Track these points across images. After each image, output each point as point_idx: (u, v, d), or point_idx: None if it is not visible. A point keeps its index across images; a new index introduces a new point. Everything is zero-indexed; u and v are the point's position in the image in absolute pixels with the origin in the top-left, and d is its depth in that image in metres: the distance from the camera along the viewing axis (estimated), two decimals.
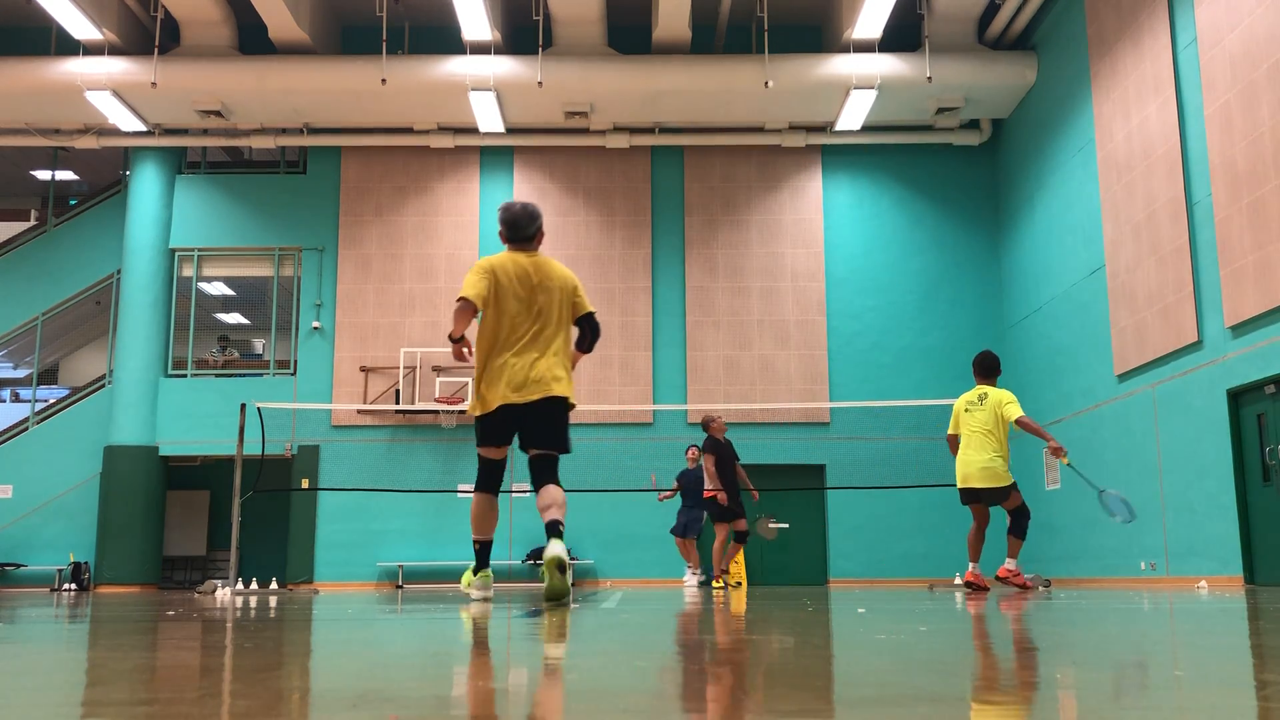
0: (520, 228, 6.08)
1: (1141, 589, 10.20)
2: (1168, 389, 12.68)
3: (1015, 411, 8.92)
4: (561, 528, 5.63)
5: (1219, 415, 11.60)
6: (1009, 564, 9.12)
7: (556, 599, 5.53)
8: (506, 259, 5.99)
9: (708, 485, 11.98)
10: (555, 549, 5.51)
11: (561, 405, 5.95)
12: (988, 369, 9.36)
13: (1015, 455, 16.56)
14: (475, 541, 6.19)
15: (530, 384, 5.83)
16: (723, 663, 2.27)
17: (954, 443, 9.44)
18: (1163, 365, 12.76)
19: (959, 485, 9.31)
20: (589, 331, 6.26)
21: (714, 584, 12.08)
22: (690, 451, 13.80)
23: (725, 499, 11.80)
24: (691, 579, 13.20)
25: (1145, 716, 1.44)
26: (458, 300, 5.82)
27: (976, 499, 9.22)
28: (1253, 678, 1.93)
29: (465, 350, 6.04)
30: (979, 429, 9.10)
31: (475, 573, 6.31)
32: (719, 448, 12.06)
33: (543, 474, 5.92)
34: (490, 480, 6.11)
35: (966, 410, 9.29)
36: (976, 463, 9.08)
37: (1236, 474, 11.44)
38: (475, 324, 6.07)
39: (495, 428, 5.93)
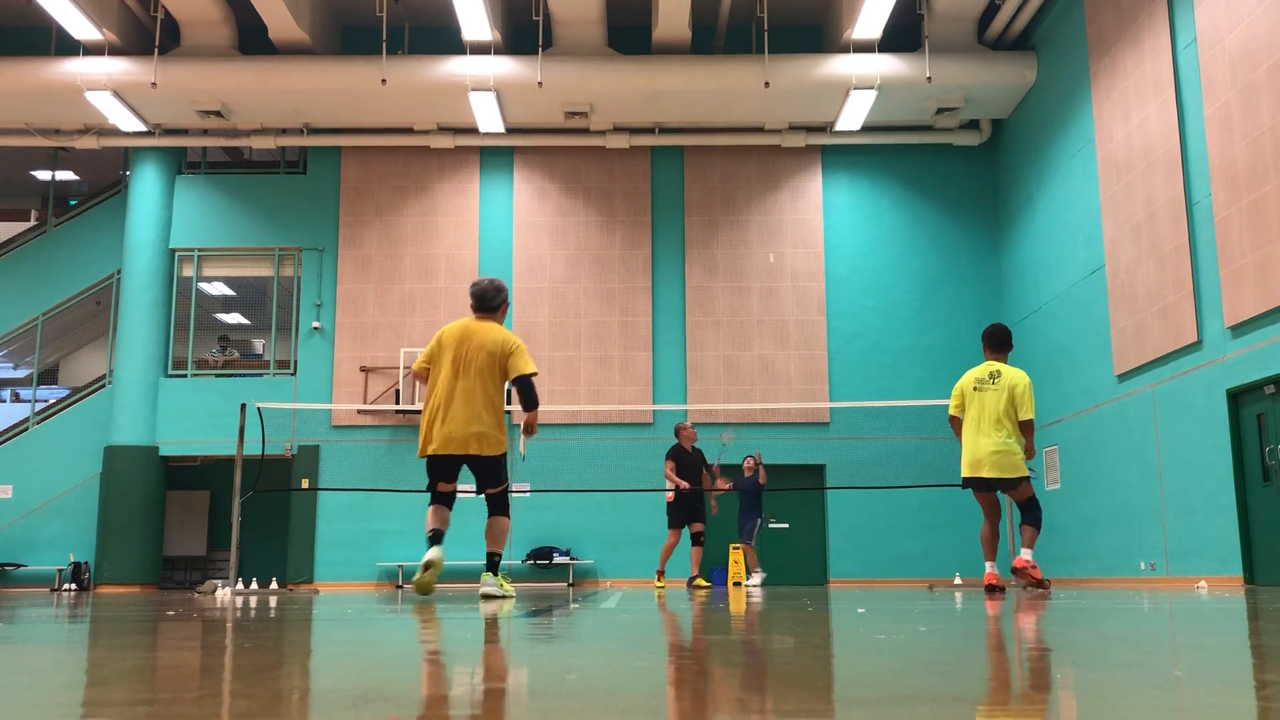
0: (486, 299, 7.18)
1: (1141, 589, 10.20)
2: (1168, 389, 12.68)
3: (1030, 412, 8.16)
4: (498, 559, 7.04)
5: (1219, 415, 11.60)
6: (1025, 554, 8.17)
7: (423, 593, 6.98)
8: (456, 325, 7.12)
9: (669, 490, 12.37)
10: (484, 584, 6.99)
11: (480, 459, 6.96)
12: (1000, 342, 8.44)
13: None
14: (430, 530, 7.10)
15: (451, 439, 6.85)
16: (722, 663, 2.27)
17: (957, 424, 8.50)
18: (1163, 365, 12.76)
19: (967, 474, 8.35)
20: (522, 393, 7.00)
21: (657, 582, 12.59)
22: (746, 461, 14.05)
23: (672, 500, 12.26)
24: (755, 579, 13.58)
25: (1145, 716, 1.44)
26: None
27: (987, 488, 8.31)
28: (1253, 678, 1.93)
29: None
30: (991, 411, 8.17)
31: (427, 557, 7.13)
32: (680, 455, 12.39)
33: (488, 506, 7.23)
34: (441, 498, 7.22)
35: (976, 388, 8.32)
36: (987, 448, 8.15)
37: (1236, 474, 11.44)
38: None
39: (433, 469, 7.06)
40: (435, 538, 6.99)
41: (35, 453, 18.07)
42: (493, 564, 7.09)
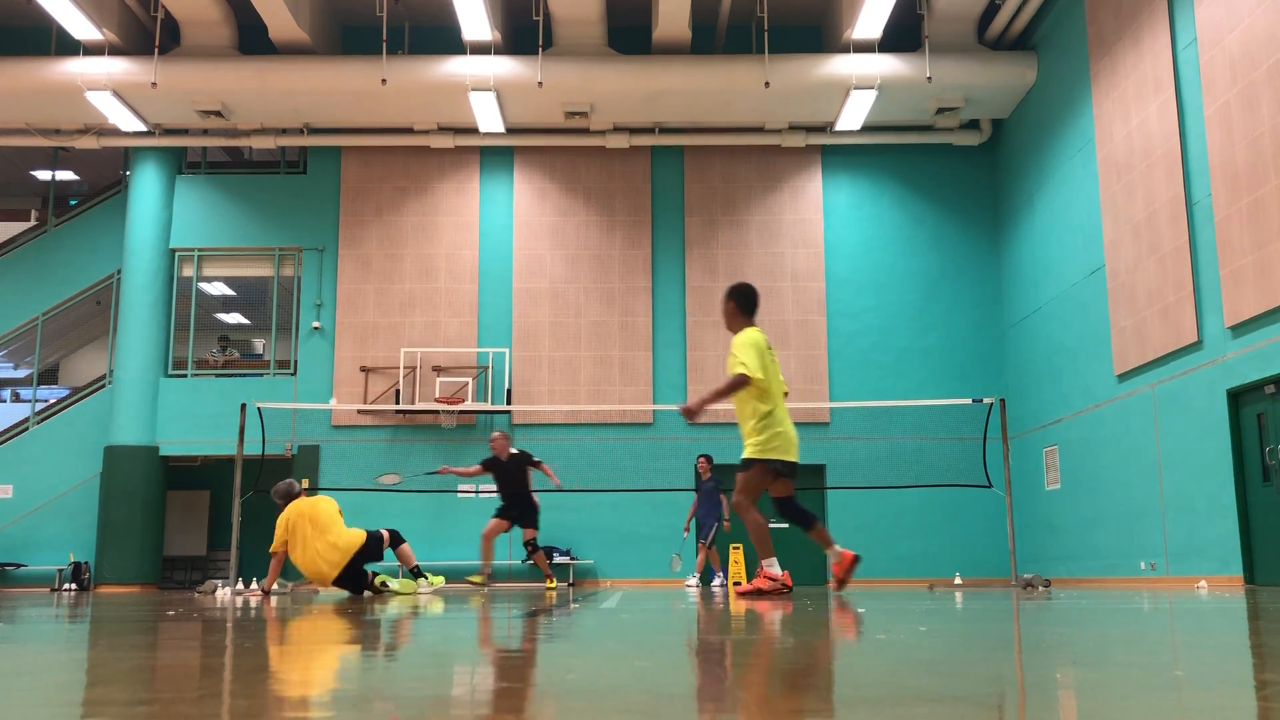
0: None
1: (1141, 589, 10.20)
2: (1168, 389, 12.68)
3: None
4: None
5: (1219, 415, 11.60)
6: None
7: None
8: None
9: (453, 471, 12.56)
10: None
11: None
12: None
13: (1016, 452, 16.62)
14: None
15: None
16: (723, 663, 2.27)
17: (753, 388, 7.44)
18: (1163, 365, 12.76)
19: (785, 458, 7.41)
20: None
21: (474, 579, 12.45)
22: (700, 462, 14.11)
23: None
24: (717, 580, 13.76)
25: (1145, 716, 1.44)
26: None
27: (793, 475, 7.43)
28: (1253, 678, 1.93)
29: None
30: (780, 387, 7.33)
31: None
32: (495, 465, 12.21)
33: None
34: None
35: (774, 361, 7.49)
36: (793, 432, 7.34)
37: (1236, 474, 11.44)
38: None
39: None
40: None
41: (35, 453, 18.07)
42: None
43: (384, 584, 9.31)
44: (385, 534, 9.83)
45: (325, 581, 9.32)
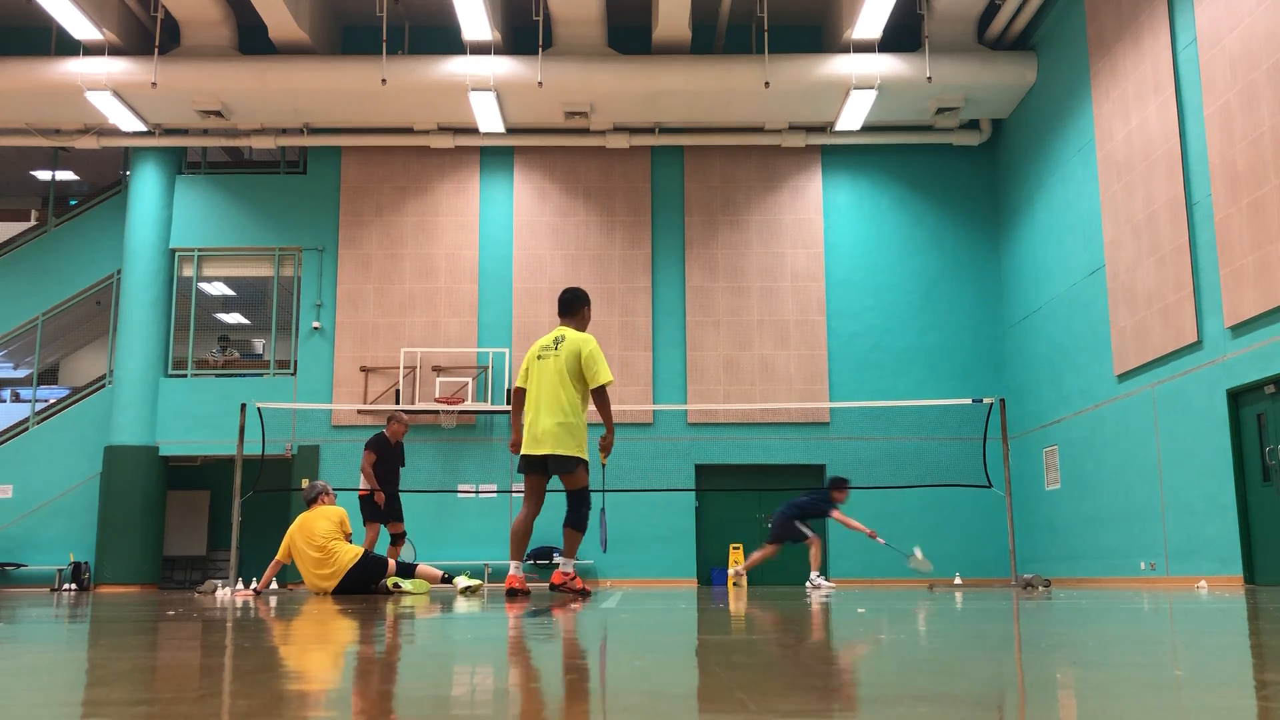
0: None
1: (1141, 589, 10.20)
2: (1168, 389, 12.68)
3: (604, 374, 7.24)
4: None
5: (1219, 415, 11.60)
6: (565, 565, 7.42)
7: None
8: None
9: (362, 485, 11.33)
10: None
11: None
12: (565, 305, 7.52)
13: (1016, 452, 16.62)
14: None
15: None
16: (722, 663, 2.27)
17: (520, 398, 7.48)
18: (1163, 365, 12.76)
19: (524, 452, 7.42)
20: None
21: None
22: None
23: (381, 499, 11.13)
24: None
25: (1145, 716, 1.44)
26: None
27: (543, 470, 7.37)
28: (1253, 678, 1.93)
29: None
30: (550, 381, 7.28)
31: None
32: (382, 447, 11.36)
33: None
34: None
35: (539, 358, 7.36)
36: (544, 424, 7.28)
37: (1236, 474, 11.44)
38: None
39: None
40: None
41: (35, 453, 18.07)
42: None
43: (396, 585, 9.26)
44: (392, 564, 9.50)
45: (323, 593, 9.29)
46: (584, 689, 1.81)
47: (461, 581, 9.11)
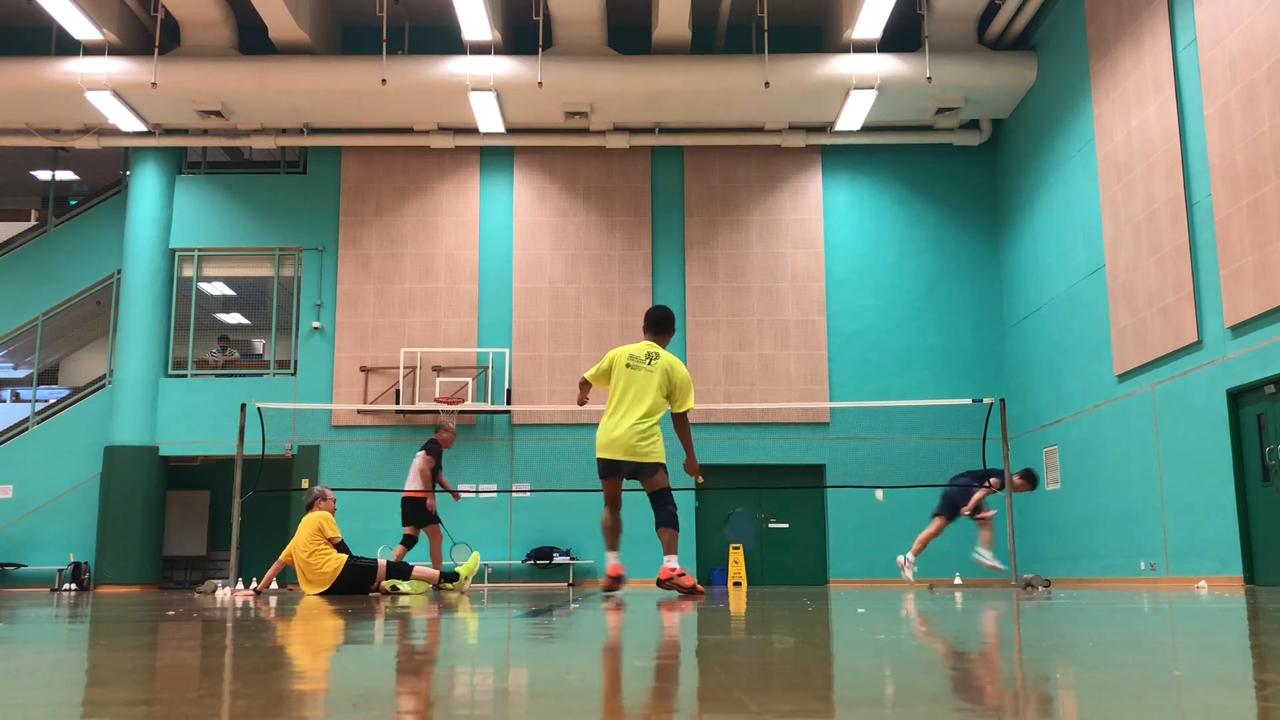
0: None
1: (1141, 589, 10.20)
2: (1168, 389, 12.68)
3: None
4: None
5: (1219, 415, 11.60)
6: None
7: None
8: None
9: (419, 487, 11.66)
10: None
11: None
12: (658, 323, 7.82)
13: (1016, 452, 16.60)
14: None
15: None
16: (722, 663, 2.27)
17: (587, 389, 7.88)
18: (1163, 365, 12.76)
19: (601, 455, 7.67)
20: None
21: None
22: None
23: (433, 504, 11.66)
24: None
25: (1145, 716, 1.44)
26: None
27: (618, 472, 7.64)
28: (1253, 678, 1.93)
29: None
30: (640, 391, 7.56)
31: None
32: (440, 455, 11.80)
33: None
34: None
35: (629, 366, 7.60)
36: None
37: (1236, 474, 11.44)
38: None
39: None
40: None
41: (35, 453, 18.07)
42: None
43: (394, 587, 9.25)
44: (383, 565, 9.46)
45: (317, 592, 9.27)
46: (584, 689, 1.81)
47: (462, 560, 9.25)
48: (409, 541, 11.83)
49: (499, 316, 18.10)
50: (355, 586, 9.23)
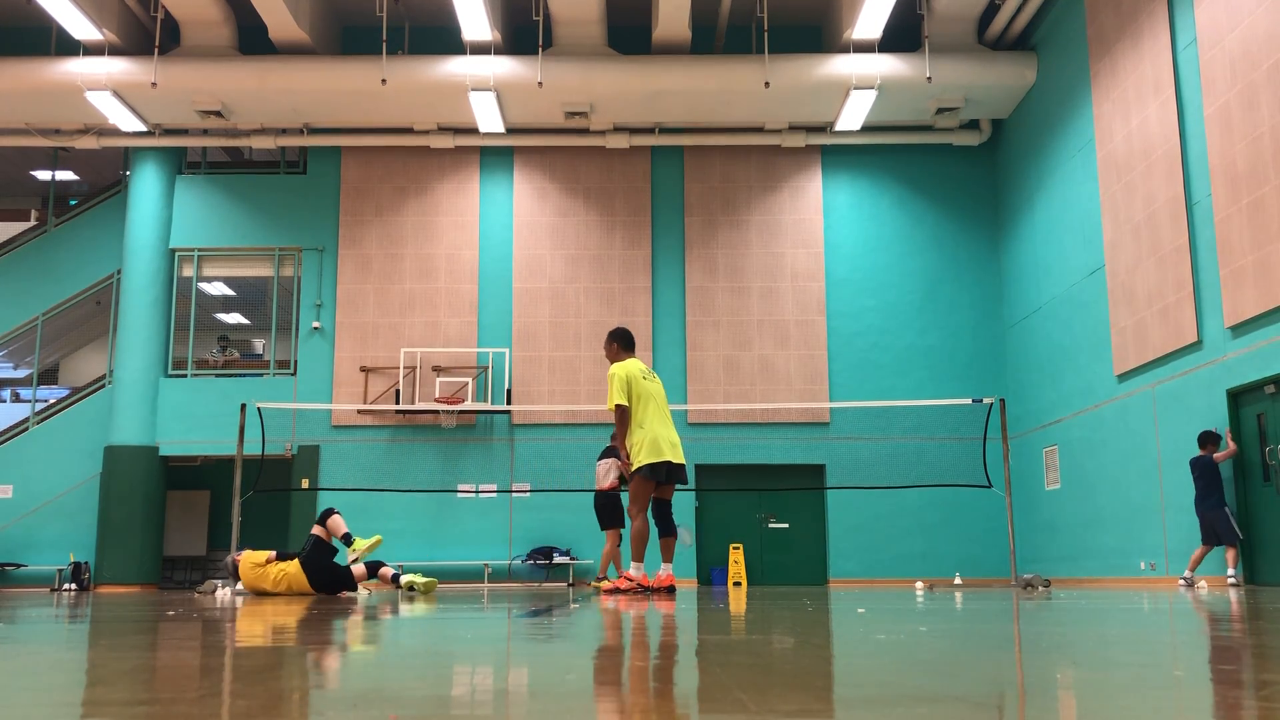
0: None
1: (1141, 589, 10.20)
2: (1168, 389, 12.68)
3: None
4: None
5: (1219, 415, 11.60)
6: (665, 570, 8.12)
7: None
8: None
9: (612, 481, 11.29)
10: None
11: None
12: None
13: (1016, 452, 16.62)
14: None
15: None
16: (722, 663, 2.27)
17: (627, 415, 8.09)
18: (1163, 365, 12.76)
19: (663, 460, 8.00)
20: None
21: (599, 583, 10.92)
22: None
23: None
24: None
25: (1145, 717, 1.44)
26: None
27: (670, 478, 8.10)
28: (1253, 678, 1.93)
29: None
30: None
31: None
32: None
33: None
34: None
35: (646, 379, 8.24)
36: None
37: (1236, 474, 11.44)
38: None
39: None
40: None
41: (35, 453, 18.07)
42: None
43: (412, 585, 9.23)
44: (361, 569, 9.46)
45: (306, 594, 9.26)
46: (584, 689, 1.81)
47: (405, 577, 9.28)
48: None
49: (499, 316, 18.10)
50: (331, 577, 9.26)
